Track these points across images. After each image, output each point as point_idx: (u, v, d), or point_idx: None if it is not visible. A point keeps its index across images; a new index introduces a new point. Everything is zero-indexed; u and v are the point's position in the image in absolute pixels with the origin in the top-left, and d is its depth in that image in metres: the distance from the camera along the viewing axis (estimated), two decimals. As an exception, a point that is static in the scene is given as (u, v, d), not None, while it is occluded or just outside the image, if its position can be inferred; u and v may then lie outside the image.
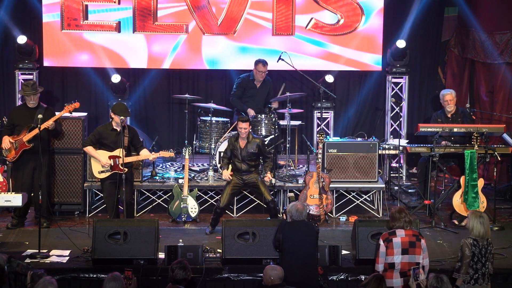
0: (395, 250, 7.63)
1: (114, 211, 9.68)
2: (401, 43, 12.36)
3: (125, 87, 12.40)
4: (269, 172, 9.96)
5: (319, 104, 12.32)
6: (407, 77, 12.75)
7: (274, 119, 11.34)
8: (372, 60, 12.59)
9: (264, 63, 11.58)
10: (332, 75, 12.45)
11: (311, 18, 12.43)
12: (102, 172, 9.73)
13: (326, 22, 12.46)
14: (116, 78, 12.19)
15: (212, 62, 12.53)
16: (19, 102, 12.01)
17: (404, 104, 12.85)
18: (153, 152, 10.08)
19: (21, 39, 12.07)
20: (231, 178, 9.93)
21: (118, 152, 9.60)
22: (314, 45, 12.47)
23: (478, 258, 7.69)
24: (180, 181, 10.70)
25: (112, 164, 9.65)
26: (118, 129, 9.65)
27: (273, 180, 9.99)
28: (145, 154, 9.92)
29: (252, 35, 12.45)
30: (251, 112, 11.40)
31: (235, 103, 11.68)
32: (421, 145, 11.01)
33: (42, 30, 12.30)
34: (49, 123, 9.76)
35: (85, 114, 11.13)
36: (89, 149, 9.78)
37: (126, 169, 9.68)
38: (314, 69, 12.50)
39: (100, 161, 9.67)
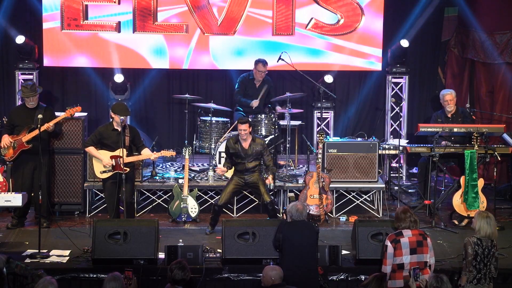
0: (403, 250, 7.61)
1: (115, 211, 9.68)
2: (404, 43, 12.34)
3: (126, 86, 12.40)
4: (271, 175, 9.93)
5: (319, 104, 12.32)
6: (407, 77, 12.75)
7: (274, 119, 11.34)
8: (372, 61, 12.59)
9: (264, 63, 11.59)
10: (332, 75, 12.45)
11: (311, 18, 12.43)
12: (104, 172, 9.73)
13: (326, 22, 12.46)
14: (119, 78, 12.19)
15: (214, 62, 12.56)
16: (19, 102, 12.00)
17: (404, 104, 12.85)
18: (154, 152, 10.08)
19: (20, 39, 12.06)
20: (222, 174, 10.05)
21: (120, 152, 9.60)
22: (315, 42, 12.47)
23: (480, 258, 7.68)
24: (180, 181, 10.70)
25: (114, 164, 9.65)
26: (119, 129, 9.65)
27: (272, 186, 9.94)
28: (146, 153, 9.91)
29: (252, 35, 12.44)
30: (255, 104, 11.41)
31: (239, 101, 11.68)
32: (421, 145, 11.01)
33: (42, 30, 12.30)
34: (49, 125, 9.74)
35: (85, 114, 11.11)
36: (91, 149, 9.79)
37: (128, 169, 9.68)
38: (314, 69, 12.49)
39: (102, 161, 9.67)
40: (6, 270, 7.34)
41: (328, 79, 12.35)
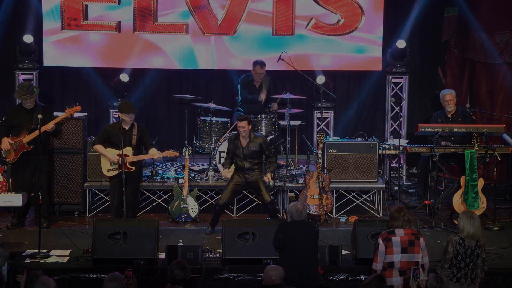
0: (394, 249, 7.62)
1: (118, 210, 9.67)
2: (401, 44, 12.35)
3: (127, 86, 12.41)
4: (270, 172, 9.93)
5: (319, 104, 12.32)
6: (407, 77, 12.75)
7: (274, 119, 11.35)
8: (372, 61, 12.59)
9: (262, 64, 11.56)
10: (325, 76, 12.39)
11: (311, 18, 12.43)
12: (111, 170, 9.73)
13: (326, 22, 12.46)
14: (124, 77, 12.19)
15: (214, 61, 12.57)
16: (19, 101, 11.99)
17: (404, 104, 12.85)
18: (158, 151, 10.06)
19: (28, 38, 12.02)
20: (227, 177, 9.94)
21: (126, 150, 9.61)
22: (315, 42, 12.48)
23: (462, 258, 7.65)
24: (180, 181, 10.70)
25: (121, 162, 9.64)
26: (127, 128, 9.66)
27: (272, 183, 9.96)
28: (152, 153, 9.88)
29: (252, 35, 12.45)
30: (263, 96, 11.46)
31: (246, 98, 11.63)
32: (421, 145, 11.01)
33: (42, 30, 12.30)
34: (49, 126, 9.73)
35: (85, 114, 11.12)
36: (98, 147, 9.81)
37: (134, 168, 9.67)
38: (314, 69, 12.49)
39: (109, 158, 9.67)
40: (8, 266, 7.34)
41: (320, 79, 12.31)
